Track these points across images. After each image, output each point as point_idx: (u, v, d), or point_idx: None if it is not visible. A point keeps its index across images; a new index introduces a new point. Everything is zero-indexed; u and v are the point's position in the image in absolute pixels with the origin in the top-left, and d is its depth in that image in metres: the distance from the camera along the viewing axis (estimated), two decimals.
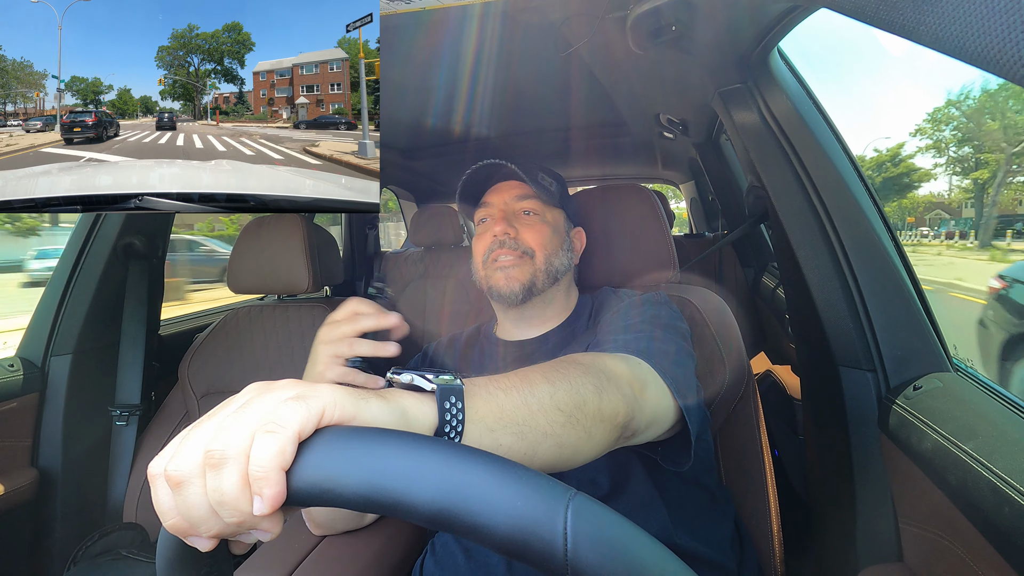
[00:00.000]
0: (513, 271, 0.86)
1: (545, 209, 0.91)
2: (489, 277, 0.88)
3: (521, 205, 0.90)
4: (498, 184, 0.93)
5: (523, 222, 0.89)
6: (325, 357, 0.62)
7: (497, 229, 0.87)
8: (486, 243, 0.89)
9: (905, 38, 0.33)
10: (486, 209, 0.92)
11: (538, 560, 0.28)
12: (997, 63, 0.26)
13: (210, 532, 0.31)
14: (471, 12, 1.02)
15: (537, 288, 0.86)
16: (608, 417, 0.50)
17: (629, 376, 0.57)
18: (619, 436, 0.53)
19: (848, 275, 0.85)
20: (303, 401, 0.31)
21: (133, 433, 1.36)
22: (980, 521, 0.55)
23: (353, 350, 0.61)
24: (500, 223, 0.87)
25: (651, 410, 0.59)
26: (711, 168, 2.17)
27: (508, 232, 0.87)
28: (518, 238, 0.87)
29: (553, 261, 0.88)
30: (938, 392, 0.72)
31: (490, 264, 0.88)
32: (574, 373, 0.50)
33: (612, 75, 1.41)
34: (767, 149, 0.94)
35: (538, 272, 0.86)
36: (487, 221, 0.92)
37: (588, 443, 0.48)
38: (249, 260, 1.32)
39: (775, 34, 0.86)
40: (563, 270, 0.90)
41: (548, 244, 0.88)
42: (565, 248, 0.92)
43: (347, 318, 0.62)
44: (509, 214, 0.90)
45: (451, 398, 0.39)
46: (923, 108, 18.13)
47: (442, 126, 1.88)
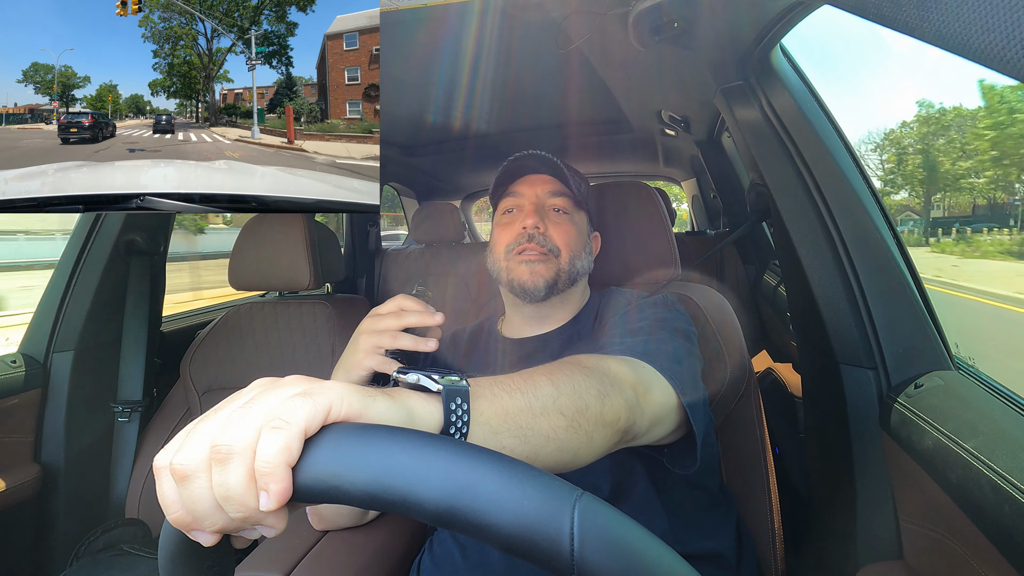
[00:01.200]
0: (538, 266, 0.84)
1: (574, 210, 0.89)
2: (512, 269, 0.86)
3: (552, 202, 0.88)
4: (530, 176, 0.90)
5: (552, 219, 0.87)
6: (367, 346, 0.65)
7: (528, 223, 0.84)
8: (513, 234, 0.86)
9: (908, 35, 0.32)
10: (514, 199, 0.89)
11: (544, 559, 0.28)
12: (1000, 60, 0.26)
13: (214, 527, 0.31)
14: (472, 8, 1.01)
15: (558, 288, 0.85)
16: (610, 422, 0.50)
17: (633, 380, 0.57)
18: (619, 440, 0.53)
19: (849, 273, 0.84)
20: (310, 398, 0.31)
21: (135, 429, 1.36)
22: (980, 519, 0.55)
23: (396, 343, 0.64)
24: (532, 216, 0.85)
25: (653, 414, 0.59)
26: (713, 165, 2.17)
27: (539, 227, 0.84)
28: (546, 234, 0.85)
29: (576, 263, 0.86)
30: (939, 390, 0.72)
31: (514, 256, 0.85)
32: (578, 376, 0.50)
33: (614, 72, 1.41)
34: (769, 146, 0.94)
35: (562, 272, 0.85)
36: (514, 212, 0.89)
37: (588, 447, 0.48)
38: (250, 257, 1.32)
39: (778, 31, 0.86)
40: (583, 272, 0.89)
41: (574, 245, 0.87)
42: (587, 251, 0.90)
43: (393, 312, 0.65)
44: (540, 208, 0.87)
45: (457, 399, 0.39)
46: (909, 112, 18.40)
47: (443, 123, 1.88)
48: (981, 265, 7.52)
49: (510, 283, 0.86)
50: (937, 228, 10.41)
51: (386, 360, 0.65)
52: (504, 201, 0.91)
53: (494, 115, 1.83)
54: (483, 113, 1.79)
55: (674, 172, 3.13)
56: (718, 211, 2.57)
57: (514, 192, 0.90)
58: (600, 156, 2.63)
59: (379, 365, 0.65)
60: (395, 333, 0.64)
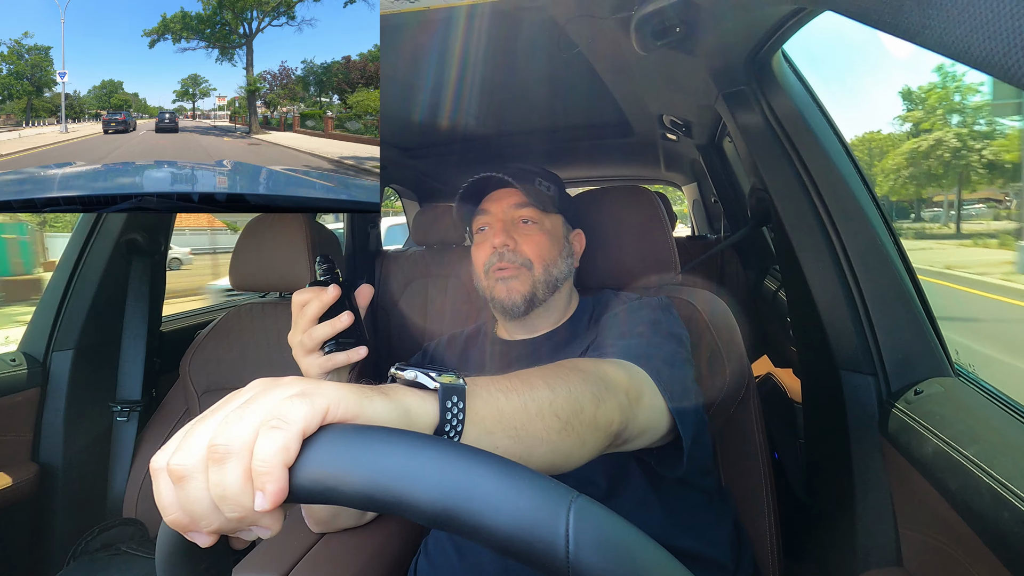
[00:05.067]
0: (513, 283, 0.85)
1: (543, 217, 0.90)
2: (492, 288, 0.88)
3: (519, 213, 0.89)
4: (496, 192, 0.92)
5: (522, 232, 0.88)
6: (299, 357, 0.63)
7: (496, 241, 0.86)
8: (485, 254, 0.89)
9: (910, 42, 0.32)
10: (484, 217, 0.91)
11: (539, 561, 0.28)
12: (1002, 68, 0.26)
13: (211, 527, 0.31)
14: (474, 12, 1.02)
15: (538, 299, 0.86)
16: (603, 426, 0.51)
17: (627, 384, 0.57)
18: (610, 444, 0.54)
19: (850, 278, 0.84)
20: (307, 398, 0.31)
21: (134, 429, 1.36)
22: (980, 526, 0.55)
23: (314, 338, 0.60)
24: (499, 235, 0.86)
25: (644, 419, 0.59)
26: (714, 170, 2.17)
27: (507, 244, 0.86)
28: (517, 249, 0.86)
29: (552, 271, 0.88)
30: (939, 397, 0.71)
31: (491, 275, 0.88)
32: (574, 379, 0.50)
33: (615, 76, 1.41)
34: (770, 152, 0.94)
35: (538, 283, 0.86)
36: (486, 231, 0.91)
37: (581, 450, 0.49)
38: (251, 257, 1.32)
39: (780, 37, 0.86)
40: (562, 278, 0.90)
41: (547, 254, 0.88)
42: (564, 255, 0.91)
43: (297, 314, 0.62)
44: (508, 224, 0.89)
45: (453, 397, 0.39)
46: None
47: (444, 125, 1.88)
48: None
49: (492, 301, 0.89)
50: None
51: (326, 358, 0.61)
52: (476, 220, 0.93)
53: (496, 118, 1.83)
54: (485, 116, 1.80)
55: (675, 176, 3.13)
56: (719, 216, 2.57)
57: (483, 210, 0.92)
58: (601, 160, 2.63)
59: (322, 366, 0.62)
60: (309, 331, 0.61)
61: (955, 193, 17.10)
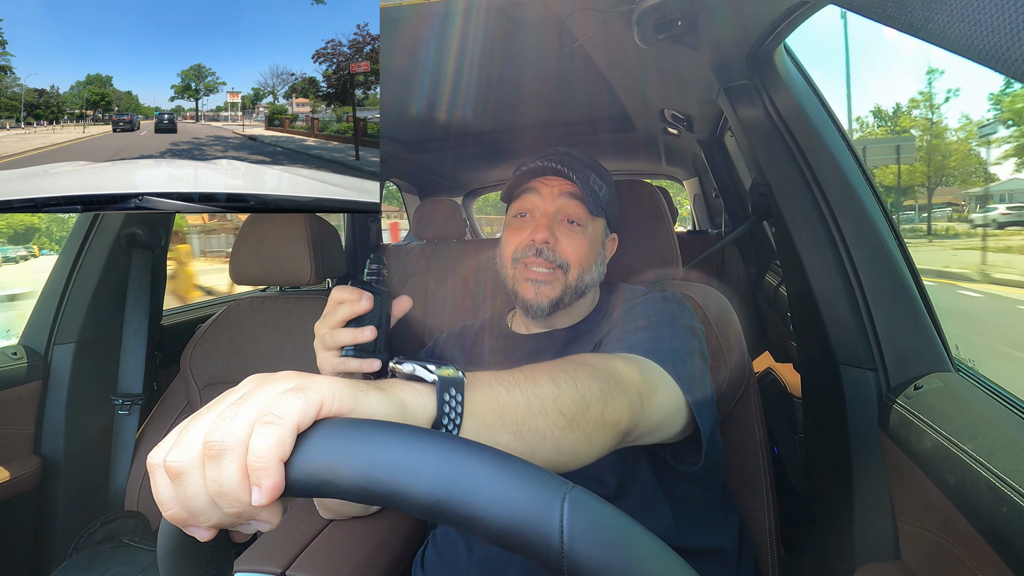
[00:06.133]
0: (544, 287, 0.81)
1: (589, 220, 0.85)
2: (517, 282, 0.84)
3: (568, 211, 0.84)
4: (550, 178, 0.85)
5: (564, 231, 0.83)
6: (318, 349, 0.61)
7: (538, 236, 0.81)
8: (521, 242, 0.84)
9: (912, 35, 0.32)
10: (529, 200, 0.86)
11: (534, 553, 0.28)
12: (1005, 62, 0.26)
13: (209, 522, 0.31)
14: (474, 5, 1.01)
15: (564, 304, 0.83)
16: (611, 424, 0.50)
17: (639, 381, 0.57)
18: (620, 441, 0.53)
19: (851, 273, 0.84)
20: (302, 393, 0.31)
21: (135, 422, 1.37)
22: (978, 521, 0.55)
23: (335, 340, 0.59)
24: (543, 230, 0.81)
25: (658, 415, 0.58)
26: (715, 165, 2.16)
27: (548, 242, 0.82)
28: (556, 248, 0.82)
29: (585, 277, 0.84)
30: (939, 392, 0.72)
31: (521, 267, 0.84)
32: (582, 375, 0.49)
33: (617, 70, 1.40)
34: (771, 146, 0.94)
35: (568, 288, 0.82)
36: (527, 217, 0.86)
37: (588, 448, 0.48)
38: (252, 251, 1.32)
39: (782, 30, 0.85)
40: (592, 284, 0.86)
41: (584, 259, 0.83)
42: (599, 262, 0.87)
43: (330, 309, 0.60)
44: (552, 218, 0.84)
45: (451, 390, 0.39)
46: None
47: (445, 119, 1.88)
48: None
49: (514, 295, 0.85)
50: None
51: (339, 361, 0.60)
52: (518, 201, 0.88)
53: (496, 112, 1.83)
54: (485, 110, 1.79)
55: (676, 171, 3.12)
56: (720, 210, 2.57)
57: (531, 188, 0.86)
58: (602, 154, 2.62)
59: (333, 368, 0.60)
60: (333, 331, 0.59)
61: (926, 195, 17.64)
